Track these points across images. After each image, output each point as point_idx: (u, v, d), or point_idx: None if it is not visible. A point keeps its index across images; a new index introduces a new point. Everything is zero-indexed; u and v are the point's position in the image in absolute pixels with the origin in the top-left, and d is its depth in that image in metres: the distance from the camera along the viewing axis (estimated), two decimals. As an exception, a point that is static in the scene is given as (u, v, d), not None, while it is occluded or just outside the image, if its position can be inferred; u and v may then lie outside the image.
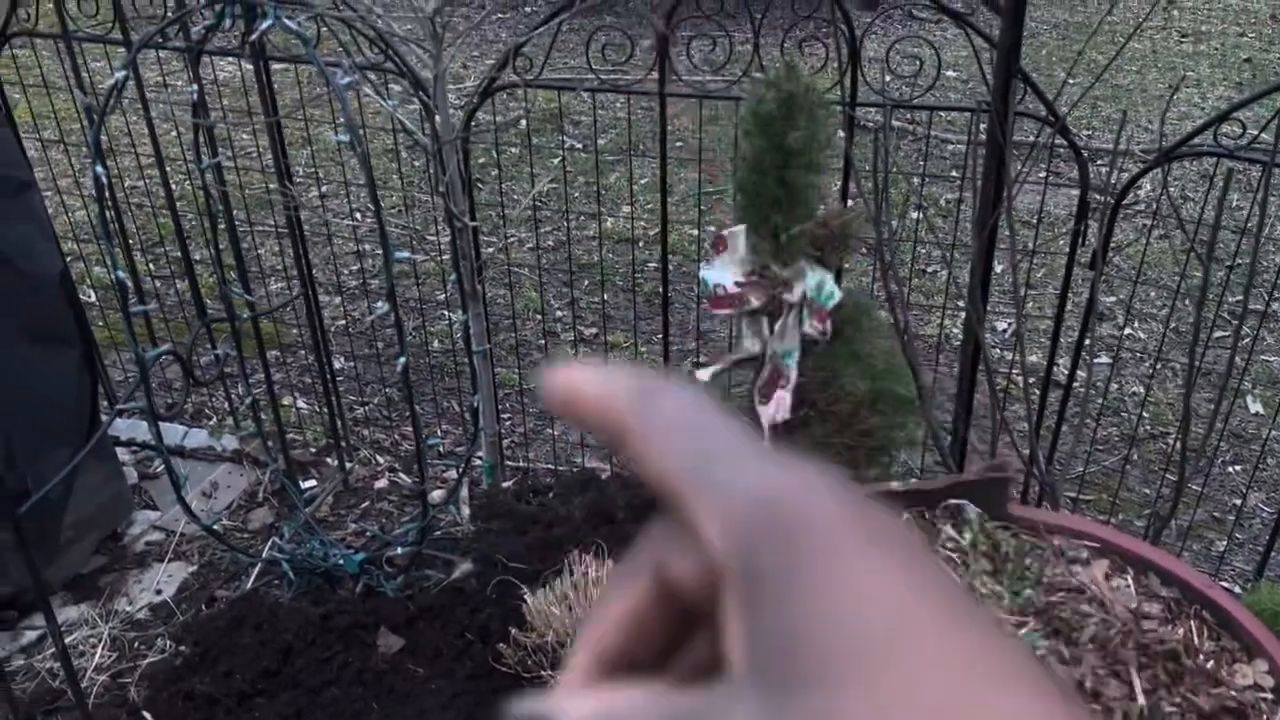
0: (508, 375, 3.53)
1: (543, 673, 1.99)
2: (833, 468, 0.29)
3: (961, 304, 3.42)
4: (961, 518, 1.79)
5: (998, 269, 2.30)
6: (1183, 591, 1.64)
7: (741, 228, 1.87)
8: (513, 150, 5.31)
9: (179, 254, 3.94)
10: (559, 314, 4.00)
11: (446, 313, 3.93)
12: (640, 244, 4.52)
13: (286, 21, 1.78)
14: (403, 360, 1.92)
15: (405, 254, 1.86)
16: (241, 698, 2.05)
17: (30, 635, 2.51)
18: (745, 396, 2.13)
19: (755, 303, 1.90)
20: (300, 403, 3.39)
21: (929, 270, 4.23)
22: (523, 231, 4.54)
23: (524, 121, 5.18)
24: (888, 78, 2.11)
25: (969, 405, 2.17)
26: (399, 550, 2.28)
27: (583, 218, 4.75)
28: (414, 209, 4.66)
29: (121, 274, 1.88)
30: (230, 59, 2.59)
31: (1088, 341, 2.09)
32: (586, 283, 4.19)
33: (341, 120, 1.76)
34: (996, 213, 1.86)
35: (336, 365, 3.53)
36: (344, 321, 3.86)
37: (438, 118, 2.09)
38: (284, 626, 2.16)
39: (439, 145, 1.99)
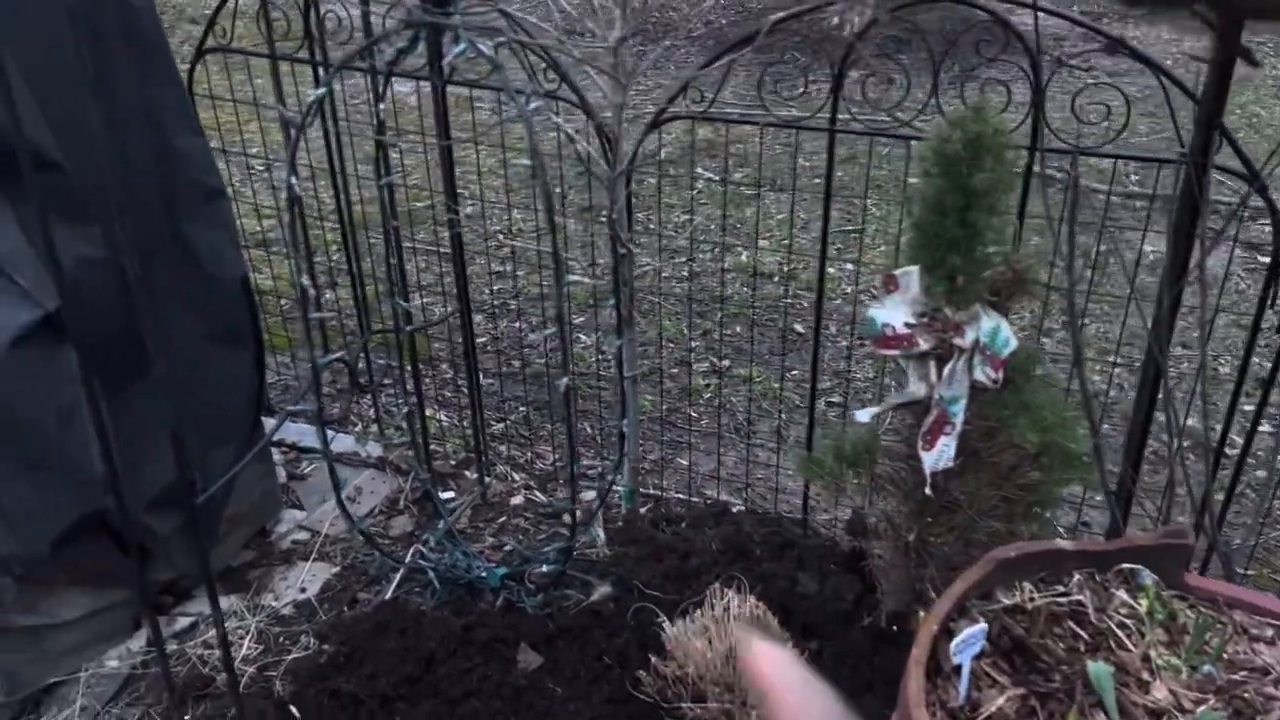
0: (640, 402, 3.55)
1: (682, 705, 1.97)
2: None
3: (1112, 359, 3.29)
4: (1136, 583, 1.72)
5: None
6: (1384, 682, 1.53)
7: (914, 268, 1.85)
8: (649, 181, 5.36)
9: (330, 264, 4.10)
10: (692, 344, 4.00)
11: (582, 336, 3.98)
12: (775, 279, 4.51)
13: (481, 46, 1.84)
14: (565, 381, 1.95)
15: (575, 277, 1.89)
16: (384, 700, 2.09)
17: (183, 622, 2.62)
18: (904, 441, 2.09)
19: (924, 345, 1.87)
20: (441, 415, 3.48)
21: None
22: (658, 260, 4.56)
23: (663, 153, 5.23)
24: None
25: (1138, 465, 2.09)
26: (543, 568, 2.30)
27: (717, 249, 4.76)
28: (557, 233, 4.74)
29: (305, 282, 1.96)
30: (401, 80, 2.68)
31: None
32: (720, 314, 4.19)
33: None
34: (1187, 271, 1.79)
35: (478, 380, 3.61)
36: (484, 339, 3.94)
37: (605, 146, 2.12)
38: (427, 634, 2.20)
39: (615, 174, 2.02)
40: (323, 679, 2.18)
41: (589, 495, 3.10)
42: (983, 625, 1.59)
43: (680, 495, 3.09)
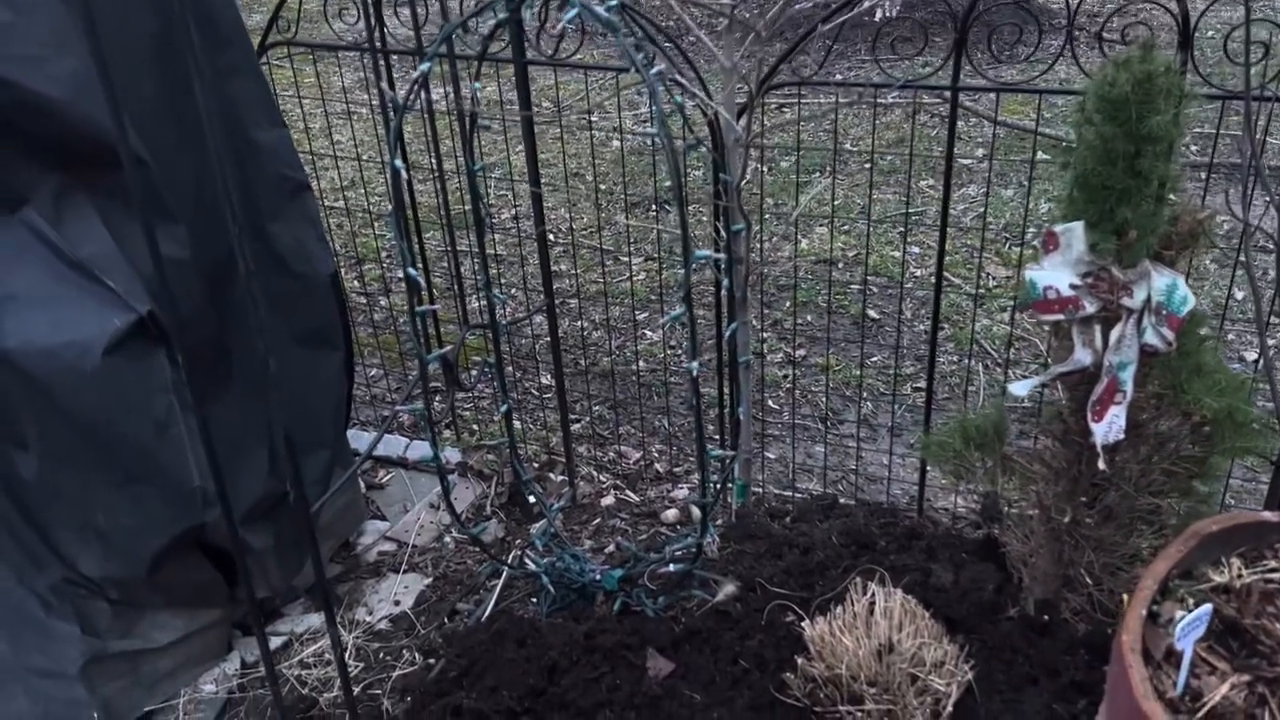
0: (715, 396, 3.41)
1: (839, 708, 1.84)
2: None
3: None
4: (1351, 554, 1.57)
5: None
6: None
7: (1078, 224, 1.70)
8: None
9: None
10: (764, 335, 3.87)
11: (649, 333, 3.85)
12: (840, 265, 4.37)
13: (596, 9, 1.71)
14: (694, 365, 1.82)
15: (706, 252, 1.76)
16: (510, 715, 1.96)
17: (275, 641, 2.50)
18: (1058, 415, 1.95)
19: (1090, 308, 1.73)
20: (515, 419, 3.35)
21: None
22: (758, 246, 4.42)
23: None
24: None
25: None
26: (670, 567, 2.17)
27: (774, 238, 4.62)
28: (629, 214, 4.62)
29: (413, 271, 1.84)
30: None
31: None
32: (787, 303, 4.06)
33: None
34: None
35: (546, 380, 3.48)
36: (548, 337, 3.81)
37: (724, 116, 1.99)
38: (548, 643, 2.07)
39: (732, 145, 1.89)
40: (441, 695, 2.05)
41: (680, 494, 2.97)
42: (1208, 607, 1.44)
43: (775, 490, 2.96)
